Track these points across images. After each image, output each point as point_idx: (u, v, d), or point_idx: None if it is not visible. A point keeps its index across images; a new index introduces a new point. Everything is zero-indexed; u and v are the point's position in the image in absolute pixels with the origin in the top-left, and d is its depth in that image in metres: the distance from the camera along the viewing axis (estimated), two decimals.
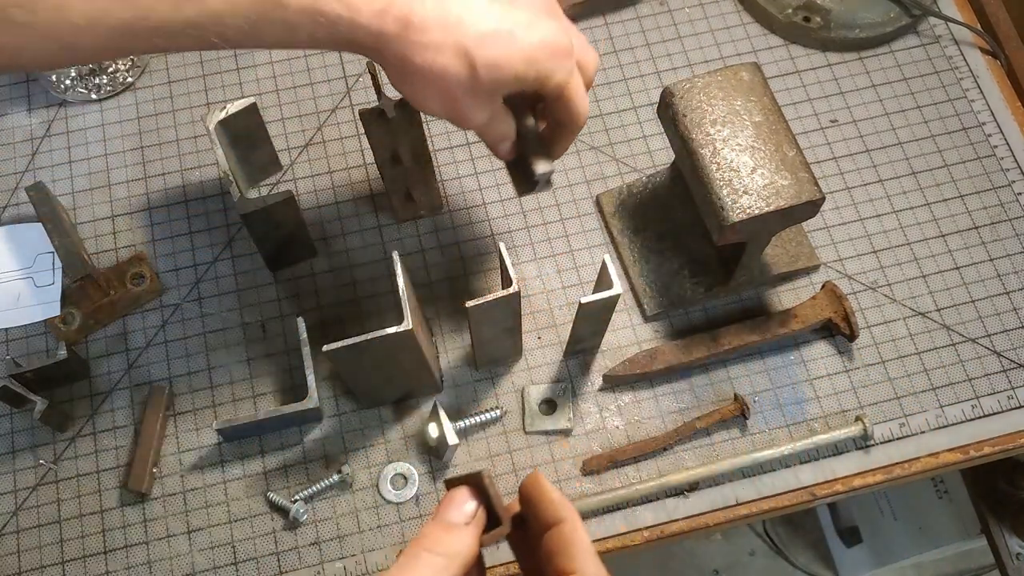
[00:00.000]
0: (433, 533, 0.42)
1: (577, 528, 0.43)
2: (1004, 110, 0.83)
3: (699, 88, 0.65)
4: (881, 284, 0.76)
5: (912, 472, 0.70)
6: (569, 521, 0.43)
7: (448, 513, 0.43)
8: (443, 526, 0.43)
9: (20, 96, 0.84)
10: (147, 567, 0.67)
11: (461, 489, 0.44)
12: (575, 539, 0.42)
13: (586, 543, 0.43)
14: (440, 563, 0.42)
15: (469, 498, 0.44)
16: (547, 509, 0.43)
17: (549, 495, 0.44)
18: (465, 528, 0.43)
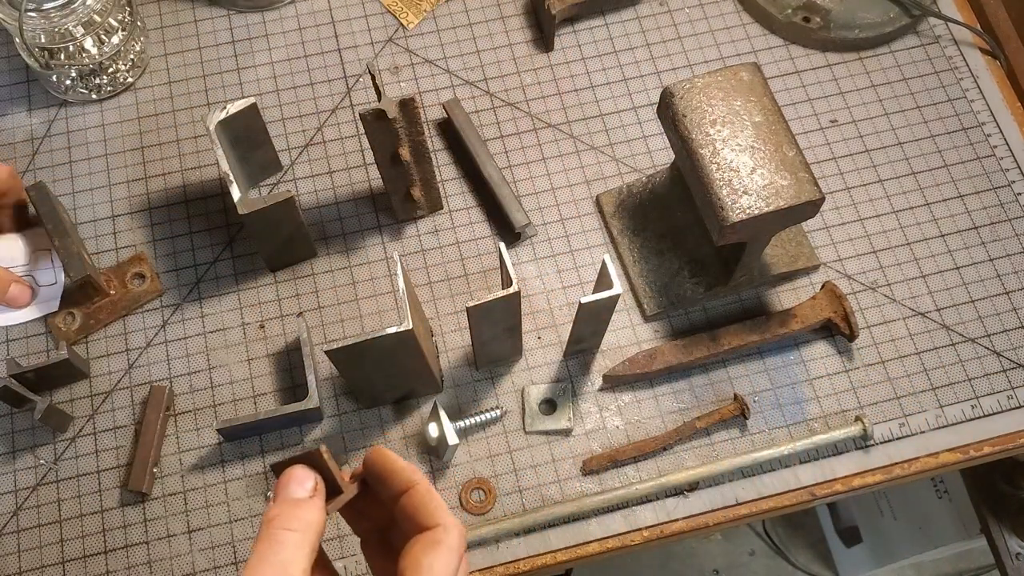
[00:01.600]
0: (283, 512, 0.44)
1: (430, 488, 0.47)
2: (1004, 110, 0.83)
3: (699, 88, 0.65)
4: (881, 284, 0.76)
5: (912, 472, 0.71)
6: (421, 483, 0.46)
7: (291, 490, 0.45)
8: (290, 503, 0.45)
9: (21, 96, 0.84)
10: (147, 567, 0.67)
11: (296, 468, 0.46)
12: (431, 497, 0.46)
13: (440, 499, 0.46)
14: (297, 538, 0.43)
15: (307, 473, 0.46)
16: (397, 477, 0.47)
17: (395, 463, 0.47)
18: (311, 500, 0.45)
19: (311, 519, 0.45)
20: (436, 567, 0.44)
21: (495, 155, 0.80)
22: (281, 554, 0.43)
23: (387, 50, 0.86)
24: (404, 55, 0.85)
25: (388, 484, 0.47)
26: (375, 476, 0.48)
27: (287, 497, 0.45)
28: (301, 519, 0.44)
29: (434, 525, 0.45)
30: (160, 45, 0.86)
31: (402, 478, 0.47)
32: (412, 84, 0.84)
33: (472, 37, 0.86)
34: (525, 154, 0.81)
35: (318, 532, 0.45)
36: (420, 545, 0.45)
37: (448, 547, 0.45)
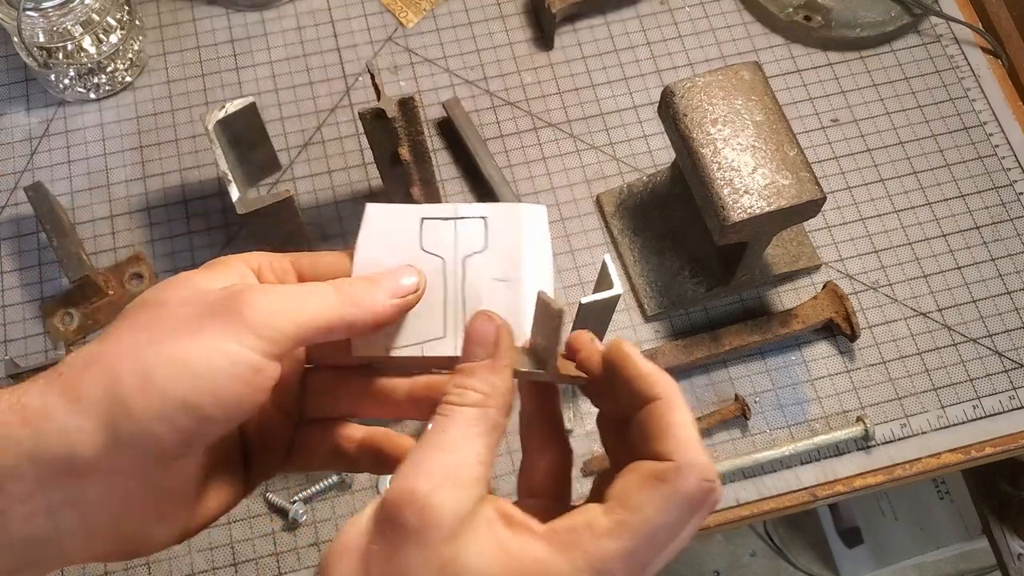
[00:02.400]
0: (455, 380, 0.36)
1: (673, 407, 0.35)
2: (1005, 109, 0.83)
3: (700, 87, 0.65)
4: (882, 284, 0.76)
5: (913, 473, 0.70)
6: (665, 399, 0.35)
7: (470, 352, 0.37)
8: (465, 370, 0.36)
9: (19, 96, 0.83)
10: (146, 568, 0.67)
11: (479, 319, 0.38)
12: (672, 420, 0.35)
13: (686, 425, 0.35)
14: (471, 413, 0.35)
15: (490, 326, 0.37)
16: (636, 384, 0.36)
17: (639, 367, 0.36)
18: (491, 363, 0.37)
19: (489, 385, 0.36)
20: (648, 510, 0.33)
21: (495, 154, 0.80)
22: (445, 433, 0.34)
23: (386, 49, 0.86)
24: (403, 54, 0.85)
25: (626, 391, 0.37)
26: (613, 376, 0.37)
27: (466, 359, 0.37)
28: (477, 388, 0.36)
29: (666, 458, 0.34)
30: (159, 44, 0.86)
31: (643, 386, 0.36)
32: (412, 83, 0.84)
33: (472, 36, 0.86)
34: (525, 153, 0.81)
35: (502, 405, 0.36)
36: (638, 475, 0.34)
37: (675, 491, 0.33)
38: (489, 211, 0.42)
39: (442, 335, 0.41)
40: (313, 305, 0.37)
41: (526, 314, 0.40)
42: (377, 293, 0.39)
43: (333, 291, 0.38)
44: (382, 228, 0.42)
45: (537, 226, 0.42)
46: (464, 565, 0.31)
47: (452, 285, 0.41)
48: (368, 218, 0.43)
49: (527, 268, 0.41)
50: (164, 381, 0.33)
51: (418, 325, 0.41)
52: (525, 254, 0.41)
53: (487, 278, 0.41)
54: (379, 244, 0.42)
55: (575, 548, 0.32)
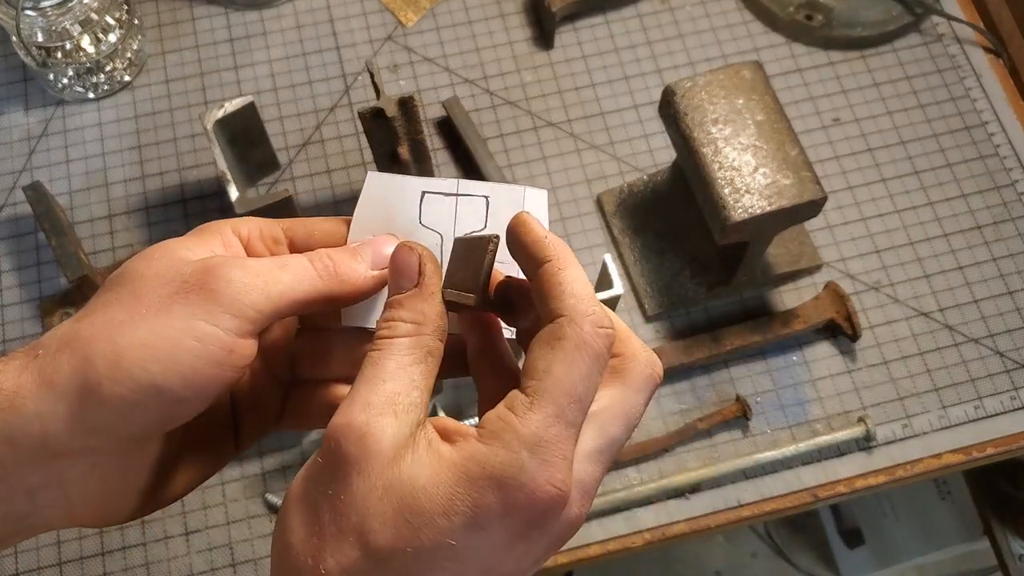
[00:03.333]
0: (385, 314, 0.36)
1: (564, 266, 0.35)
2: (1007, 109, 0.83)
3: (700, 87, 0.65)
4: (884, 284, 0.76)
5: (915, 473, 0.70)
6: (555, 259, 0.35)
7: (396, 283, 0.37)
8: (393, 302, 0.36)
9: (17, 95, 0.83)
10: (144, 568, 0.67)
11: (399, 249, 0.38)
12: (562, 279, 0.34)
13: (576, 281, 0.34)
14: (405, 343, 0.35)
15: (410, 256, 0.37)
16: (531, 250, 0.36)
17: (533, 232, 0.36)
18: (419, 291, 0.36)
19: (418, 313, 0.35)
20: (556, 369, 0.32)
21: (495, 154, 0.80)
22: (379, 366, 0.34)
23: (386, 48, 0.85)
24: (403, 53, 0.85)
25: (525, 262, 0.36)
26: (516, 252, 0.37)
27: (394, 292, 0.36)
28: (406, 318, 0.35)
29: (560, 316, 0.33)
30: (157, 43, 0.85)
31: (537, 251, 0.35)
32: (411, 82, 0.84)
33: (472, 35, 0.86)
34: (525, 153, 0.81)
35: (435, 330, 0.35)
36: (538, 344, 0.33)
37: (572, 343, 0.33)
38: (491, 191, 0.42)
39: None
40: (288, 279, 0.36)
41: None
42: (358, 264, 0.39)
43: (309, 264, 0.37)
44: (382, 198, 0.42)
45: (538, 210, 0.42)
46: (407, 481, 0.31)
47: (447, 261, 0.41)
48: (368, 186, 0.42)
49: None
50: (134, 365, 0.33)
51: None
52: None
53: None
54: (377, 214, 0.41)
55: (506, 431, 0.32)
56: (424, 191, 0.42)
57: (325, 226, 0.42)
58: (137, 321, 0.34)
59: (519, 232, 0.36)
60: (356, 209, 0.41)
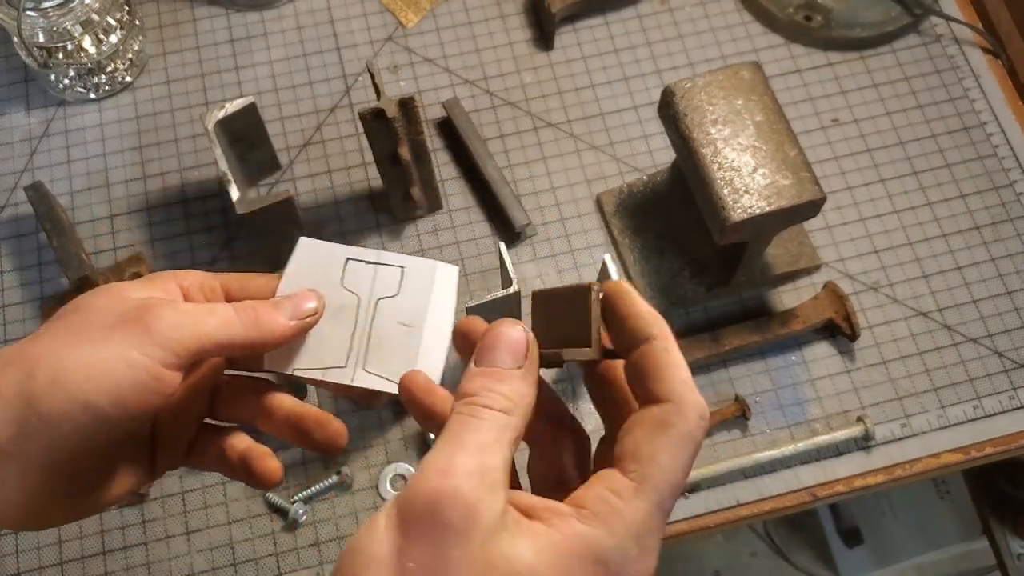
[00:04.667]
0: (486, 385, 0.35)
1: (669, 347, 0.35)
2: (1005, 109, 0.83)
3: (700, 87, 0.65)
4: (883, 284, 0.76)
5: (913, 473, 0.70)
6: (661, 338, 0.36)
7: (497, 357, 0.36)
8: (494, 375, 0.36)
9: (19, 96, 0.83)
10: (146, 568, 0.67)
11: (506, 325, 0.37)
12: (668, 361, 0.35)
13: (681, 365, 0.35)
14: (501, 420, 0.34)
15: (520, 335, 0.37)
16: (632, 323, 0.36)
17: (637, 305, 0.37)
18: (521, 372, 0.36)
19: (520, 394, 0.35)
20: (663, 459, 0.33)
21: (495, 154, 0.80)
22: (479, 434, 0.34)
23: (386, 49, 0.85)
24: (403, 54, 0.85)
25: (621, 329, 0.37)
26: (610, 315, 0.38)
27: (491, 363, 0.36)
28: (508, 395, 0.35)
29: (665, 399, 0.34)
30: (158, 44, 0.85)
31: (640, 326, 0.36)
32: (411, 83, 0.84)
33: (472, 36, 0.86)
34: (525, 153, 0.81)
35: (526, 414, 0.35)
36: (644, 427, 0.34)
37: (680, 433, 0.33)
38: (408, 262, 0.47)
39: (343, 364, 0.46)
40: (214, 323, 0.42)
41: (419, 357, 0.45)
42: (278, 315, 0.44)
43: (234, 312, 0.43)
44: (311, 261, 0.47)
45: (447, 284, 0.48)
46: (512, 559, 0.31)
47: (362, 322, 0.46)
48: (299, 249, 0.48)
49: (430, 318, 0.46)
50: (70, 383, 0.38)
51: (325, 351, 0.46)
52: (431, 306, 0.47)
53: (393, 320, 0.46)
54: (305, 274, 0.47)
55: (611, 516, 0.32)
56: (348, 258, 0.48)
57: (258, 281, 0.47)
58: (78, 345, 0.39)
59: (622, 301, 0.37)
60: (286, 268, 0.47)
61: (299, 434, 0.46)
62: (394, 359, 0.45)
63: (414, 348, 0.45)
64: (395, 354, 0.45)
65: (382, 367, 0.45)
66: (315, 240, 0.48)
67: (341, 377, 0.45)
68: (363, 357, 0.46)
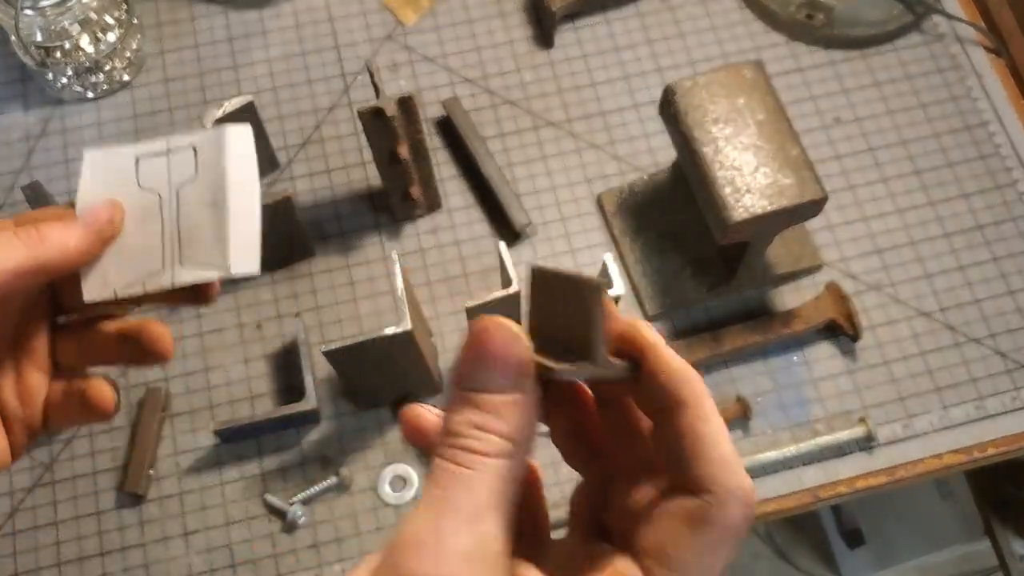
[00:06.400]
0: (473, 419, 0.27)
1: (706, 416, 0.29)
2: (1008, 108, 0.83)
3: (701, 86, 0.64)
4: (885, 284, 0.76)
5: (916, 474, 0.70)
6: (694, 406, 0.29)
7: (485, 377, 0.27)
8: (484, 403, 0.27)
9: (16, 95, 0.83)
10: (144, 569, 0.67)
11: (497, 326, 0.27)
12: (704, 434, 0.28)
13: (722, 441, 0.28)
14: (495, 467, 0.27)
15: (516, 344, 0.27)
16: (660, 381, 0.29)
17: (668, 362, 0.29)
18: (518, 399, 0.27)
19: (520, 429, 0.27)
20: (694, 565, 0.28)
21: (495, 154, 0.80)
22: (472, 494, 0.26)
23: (385, 47, 0.85)
24: (403, 52, 0.85)
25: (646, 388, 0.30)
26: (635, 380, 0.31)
27: (481, 385, 0.27)
28: (506, 433, 0.27)
29: (701, 488, 0.28)
30: (156, 43, 0.85)
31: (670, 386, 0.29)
32: (411, 82, 0.84)
33: (471, 34, 0.86)
34: (525, 153, 0.80)
35: (529, 450, 0.29)
36: (674, 521, 0.28)
37: (720, 531, 0.28)
38: (196, 139, 0.43)
39: (160, 268, 0.42)
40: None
41: (231, 235, 0.42)
42: (69, 229, 0.39)
43: (14, 234, 0.38)
44: (102, 173, 0.43)
45: (243, 145, 0.43)
46: None
47: (168, 218, 0.42)
48: (87, 164, 0.43)
49: (232, 188, 0.43)
50: None
51: (139, 262, 0.42)
52: (230, 174, 0.43)
53: (198, 205, 0.42)
54: (99, 189, 0.43)
55: None
56: (137, 156, 0.43)
57: (52, 211, 0.42)
58: None
59: (645, 355, 0.30)
60: (78, 188, 0.43)
61: (124, 347, 0.42)
62: (207, 244, 0.42)
63: (224, 225, 0.42)
64: (207, 238, 0.42)
65: (197, 257, 0.42)
66: (101, 149, 0.43)
67: (161, 281, 0.42)
68: (178, 254, 0.42)
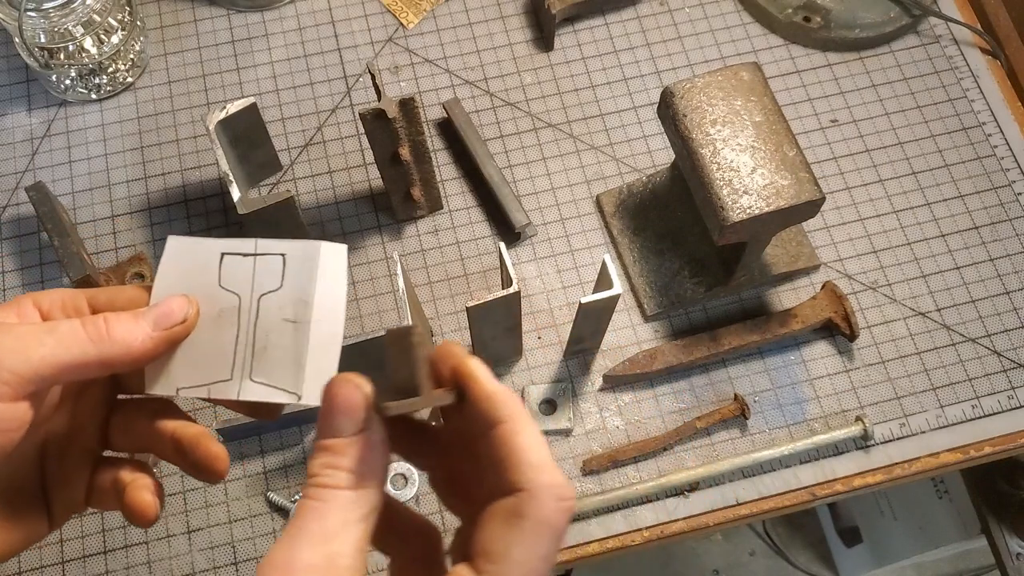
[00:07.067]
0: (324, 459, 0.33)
1: (519, 429, 0.32)
2: (1004, 110, 0.83)
3: (699, 88, 0.65)
4: (881, 284, 0.76)
5: (912, 472, 0.70)
6: (509, 421, 0.33)
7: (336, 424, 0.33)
8: (334, 446, 0.33)
9: (20, 96, 0.83)
10: (147, 567, 0.67)
11: (341, 383, 0.34)
12: (519, 444, 0.32)
13: (534, 447, 0.32)
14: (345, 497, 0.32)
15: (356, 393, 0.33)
16: (481, 406, 0.33)
17: (484, 386, 0.33)
18: (361, 437, 0.33)
19: (366, 463, 0.32)
20: (516, 552, 0.31)
21: (495, 155, 0.80)
22: (323, 521, 0.31)
23: (387, 50, 0.86)
24: (404, 55, 0.85)
25: (470, 412, 0.34)
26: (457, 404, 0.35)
27: (330, 433, 0.33)
28: (352, 468, 0.32)
29: (517, 488, 0.32)
30: (160, 45, 0.86)
31: (488, 408, 0.33)
32: (412, 84, 0.84)
33: (472, 37, 0.86)
34: (525, 154, 0.81)
35: (381, 480, 0.33)
36: (496, 519, 0.32)
37: (536, 522, 0.31)
38: (288, 248, 0.41)
39: (228, 377, 0.40)
40: (52, 342, 0.36)
41: (308, 361, 0.40)
42: (135, 326, 0.38)
43: (81, 327, 0.37)
44: (183, 262, 0.42)
45: (335, 265, 0.41)
46: None
47: (245, 325, 0.41)
48: (169, 251, 0.42)
49: (317, 310, 0.40)
50: None
51: (208, 364, 0.40)
52: (317, 295, 0.40)
53: (278, 318, 0.40)
54: (178, 278, 0.41)
55: None
56: (223, 252, 0.42)
57: (128, 293, 0.41)
58: None
59: (466, 384, 0.34)
60: (156, 274, 0.41)
61: (179, 456, 0.41)
62: (282, 364, 0.40)
63: (303, 348, 0.40)
64: (283, 358, 0.40)
65: (270, 375, 0.40)
66: (186, 237, 0.42)
67: (227, 392, 0.40)
68: (249, 366, 0.40)
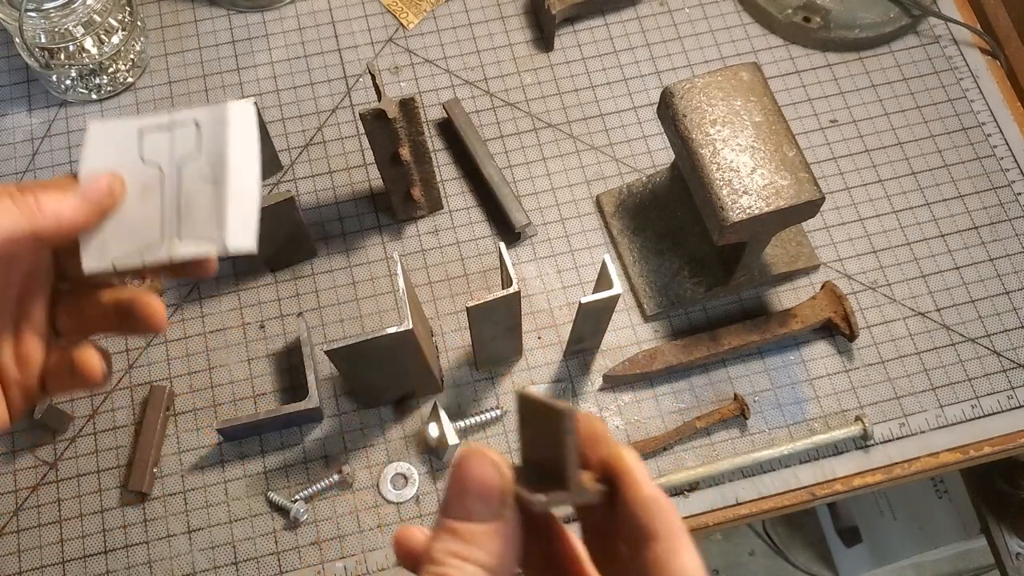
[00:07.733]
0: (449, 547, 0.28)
1: (678, 549, 0.28)
2: (1004, 110, 0.83)
3: (699, 88, 0.65)
4: (881, 284, 0.76)
5: (912, 472, 0.71)
6: (665, 539, 0.28)
7: (468, 504, 0.28)
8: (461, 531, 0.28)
9: (21, 96, 0.84)
10: (147, 567, 0.67)
11: (477, 459, 0.29)
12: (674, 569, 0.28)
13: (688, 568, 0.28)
14: None
15: (493, 472, 0.28)
16: (632, 510, 0.29)
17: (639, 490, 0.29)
18: (496, 526, 0.28)
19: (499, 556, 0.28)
20: None
21: (495, 155, 0.80)
22: None
23: (387, 50, 0.86)
24: (404, 55, 0.85)
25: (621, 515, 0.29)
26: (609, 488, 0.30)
27: (461, 515, 0.28)
28: (484, 562, 0.28)
29: None
30: (160, 45, 0.86)
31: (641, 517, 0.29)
32: (412, 84, 0.84)
33: (472, 37, 0.86)
34: (525, 154, 0.81)
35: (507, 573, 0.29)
36: None
37: None
38: (199, 114, 0.43)
39: (159, 241, 0.42)
40: None
41: (229, 212, 0.41)
42: (65, 199, 0.39)
43: (11, 202, 0.38)
44: (104, 144, 0.44)
45: (245, 121, 0.43)
46: None
47: (169, 192, 0.42)
48: (90, 136, 0.44)
49: (232, 165, 0.42)
50: None
51: (138, 235, 0.42)
52: (231, 152, 0.42)
53: (198, 180, 0.42)
54: (102, 160, 0.43)
55: None
56: (141, 128, 0.43)
57: (56, 180, 0.42)
58: None
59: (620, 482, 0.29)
60: (81, 159, 0.43)
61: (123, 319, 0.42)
62: (206, 219, 0.41)
63: (223, 201, 0.41)
64: (206, 214, 0.42)
65: (196, 231, 0.42)
66: (105, 120, 0.44)
67: (158, 254, 0.42)
68: (176, 227, 0.42)
